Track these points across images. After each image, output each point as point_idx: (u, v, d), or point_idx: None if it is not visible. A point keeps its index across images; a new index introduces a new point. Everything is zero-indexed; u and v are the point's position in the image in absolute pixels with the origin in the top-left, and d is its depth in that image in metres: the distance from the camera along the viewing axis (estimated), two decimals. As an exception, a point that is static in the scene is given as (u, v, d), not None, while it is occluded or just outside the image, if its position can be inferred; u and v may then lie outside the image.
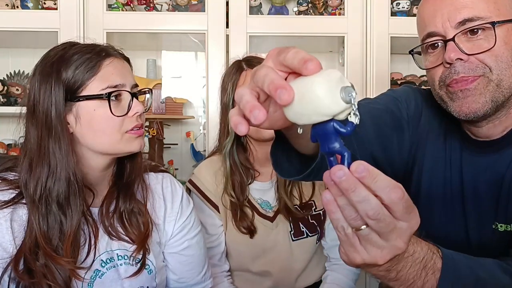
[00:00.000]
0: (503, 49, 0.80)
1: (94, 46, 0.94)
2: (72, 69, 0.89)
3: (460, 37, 0.81)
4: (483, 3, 0.80)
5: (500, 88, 0.80)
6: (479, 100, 0.81)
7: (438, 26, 0.83)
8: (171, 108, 2.04)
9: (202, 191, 1.32)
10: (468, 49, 0.80)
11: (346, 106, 0.48)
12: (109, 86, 0.90)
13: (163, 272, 1.06)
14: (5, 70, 2.03)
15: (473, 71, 0.80)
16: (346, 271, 1.37)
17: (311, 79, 0.47)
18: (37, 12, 1.79)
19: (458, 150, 0.91)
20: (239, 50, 1.78)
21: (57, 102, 0.88)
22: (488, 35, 0.80)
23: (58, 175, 0.88)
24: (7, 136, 2.00)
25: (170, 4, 1.95)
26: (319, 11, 1.93)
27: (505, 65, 0.80)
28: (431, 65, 0.86)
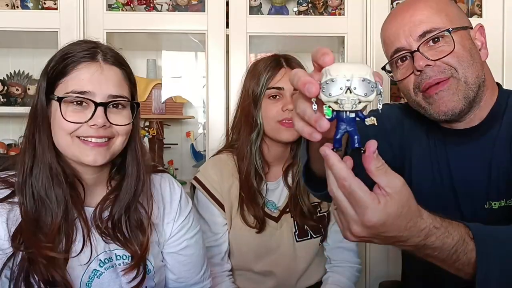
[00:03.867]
0: (462, 51, 0.93)
1: (91, 47, 0.93)
2: (53, 65, 0.91)
3: (423, 47, 0.94)
4: (436, 17, 0.94)
5: (468, 85, 0.93)
6: (453, 99, 0.93)
7: (402, 42, 0.96)
8: (171, 108, 2.04)
9: (208, 189, 1.32)
10: (432, 56, 0.93)
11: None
12: (73, 91, 0.89)
13: (162, 272, 1.06)
14: (5, 70, 2.03)
15: (442, 73, 0.93)
16: (346, 273, 1.37)
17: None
18: (37, 12, 1.79)
19: (442, 144, 1.01)
20: (239, 50, 1.79)
21: (41, 93, 0.91)
22: (447, 42, 0.93)
23: (41, 165, 0.89)
24: (7, 136, 2.00)
25: (170, 4, 1.95)
26: (319, 11, 1.93)
27: (467, 64, 0.93)
28: (402, 76, 0.98)
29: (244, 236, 1.32)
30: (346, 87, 0.58)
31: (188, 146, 2.13)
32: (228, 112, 1.78)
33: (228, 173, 1.33)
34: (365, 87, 0.59)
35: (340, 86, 0.58)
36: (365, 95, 0.59)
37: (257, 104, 1.31)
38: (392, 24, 0.99)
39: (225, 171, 1.33)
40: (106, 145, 0.92)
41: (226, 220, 1.33)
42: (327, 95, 0.59)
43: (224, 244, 1.32)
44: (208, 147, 1.76)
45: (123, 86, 0.94)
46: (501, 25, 1.79)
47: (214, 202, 1.31)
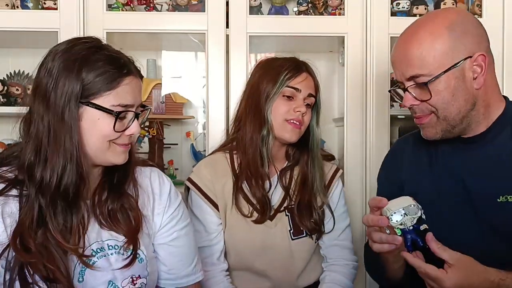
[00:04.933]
0: (445, 93, 1.01)
1: (118, 58, 0.97)
2: (92, 74, 0.92)
3: (410, 88, 1.04)
4: (425, 61, 1.00)
5: (447, 121, 1.04)
6: (432, 131, 1.06)
7: (397, 76, 1.07)
8: (171, 108, 2.04)
9: (201, 188, 1.32)
10: (418, 96, 1.04)
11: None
12: (120, 104, 0.94)
13: (154, 263, 1.08)
14: (5, 70, 2.03)
15: (423, 111, 1.05)
16: (343, 270, 1.37)
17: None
18: (37, 12, 1.79)
19: (450, 152, 1.11)
20: (239, 50, 1.79)
21: (72, 99, 0.91)
22: (433, 85, 1.01)
23: (72, 167, 0.92)
24: (7, 136, 2.00)
25: (170, 4, 1.95)
26: (319, 11, 1.93)
27: (446, 105, 1.02)
28: (401, 100, 1.10)
29: (240, 232, 1.32)
30: (404, 213, 0.97)
31: (188, 146, 2.13)
32: (228, 112, 1.78)
33: (222, 172, 1.34)
34: (413, 209, 0.98)
35: (401, 214, 0.97)
36: (415, 213, 0.98)
37: (269, 100, 1.30)
38: (393, 55, 1.09)
39: (219, 170, 1.34)
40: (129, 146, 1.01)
41: (221, 219, 1.33)
42: (395, 222, 0.97)
43: (220, 244, 1.33)
44: (208, 147, 1.76)
45: (142, 95, 1.03)
46: (501, 25, 1.79)
47: (207, 201, 1.32)
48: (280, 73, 1.31)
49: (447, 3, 1.84)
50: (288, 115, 1.30)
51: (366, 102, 1.80)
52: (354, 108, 1.82)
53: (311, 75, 1.35)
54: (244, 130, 1.35)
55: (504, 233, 1.00)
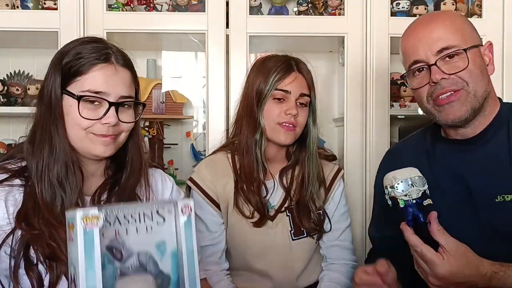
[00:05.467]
0: (474, 68, 1.04)
1: (99, 47, 0.98)
2: (70, 63, 0.96)
3: (439, 62, 1.04)
4: (453, 35, 1.05)
5: (476, 97, 1.04)
6: (462, 109, 1.04)
7: (421, 55, 1.06)
8: (171, 108, 2.04)
9: (202, 188, 1.32)
10: (447, 70, 1.04)
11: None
12: (90, 90, 0.94)
13: None
14: (5, 70, 2.03)
15: (455, 85, 1.04)
16: (342, 269, 1.37)
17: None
18: (37, 12, 1.79)
19: (449, 153, 1.12)
20: (239, 50, 1.79)
21: (56, 87, 0.95)
22: (461, 58, 1.04)
23: (57, 156, 0.95)
24: (7, 136, 2.00)
25: (170, 4, 1.95)
26: (319, 11, 1.93)
27: (477, 79, 1.04)
28: (418, 85, 1.09)
29: (241, 232, 1.32)
30: (411, 184, 0.94)
31: (188, 146, 2.13)
32: (228, 112, 1.78)
33: (222, 172, 1.33)
34: (421, 181, 0.95)
35: (407, 184, 0.94)
36: (422, 186, 0.95)
37: (261, 103, 1.29)
38: (412, 37, 1.09)
39: (219, 170, 1.34)
40: (113, 138, 0.99)
41: (223, 219, 1.33)
42: (400, 192, 0.94)
43: (222, 243, 1.33)
44: (208, 147, 1.76)
45: (132, 87, 1.01)
46: (501, 25, 1.79)
47: (209, 201, 1.32)
48: (269, 76, 1.29)
49: (447, 3, 1.84)
50: (279, 118, 1.28)
51: (366, 102, 1.80)
52: (354, 108, 1.82)
53: (302, 74, 1.31)
54: (241, 133, 1.35)
55: (503, 233, 1.01)
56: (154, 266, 0.78)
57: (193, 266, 0.81)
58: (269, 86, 1.28)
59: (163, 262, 0.79)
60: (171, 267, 0.80)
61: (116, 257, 0.75)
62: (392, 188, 0.96)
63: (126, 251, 0.76)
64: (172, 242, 0.80)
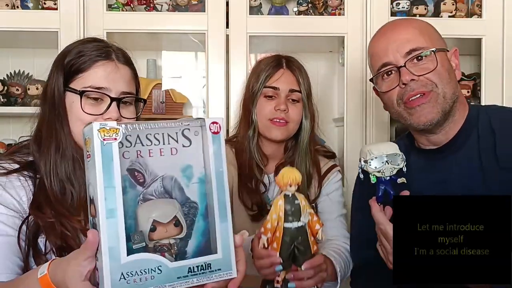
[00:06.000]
0: (442, 70, 1.05)
1: (100, 45, 1.00)
2: (71, 61, 0.98)
3: (408, 63, 1.05)
4: (421, 37, 1.06)
5: (446, 99, 1.05)
6: (433, 111, 1.04)
7: (390, 57, 1.07)
8: (171, 108, 2.04)
9: None
10: (416, 72, 1.04)
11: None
12: (91, 86, 0.97)
13: None
14: (5, 70, 2.03)
15: (424, 87, 1.04)
16: (338, 242, 1.33)
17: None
18: (37, 12, 1.79)
19: (426, 165, 1.11)
20: (239, 50, 1.79)
21: (59, 85, 0.98)
22: (430, 60, 1.05)
23: (64, 152, 0.97)
24: (7, 136, 2.00)
25: (170, 4, 1.95)
26: (319, 11, 1.93)
27: (446, 81, 1.05)
28: (387, 88, 1.09)
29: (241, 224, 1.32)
30: (386, 161, 0.91)
31: (188, 146, 2.13)
32: (228, 112, 1.78)
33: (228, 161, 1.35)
34: (396, 159, 0.92)
35: (381, 161, 0.91)
36: (398, 164, 0.92)
37: (254, 101, 1.34)
38: (380, 41, 1.11)
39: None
40: None
41: None
42: (373, 168, 0.91)
43: None
44: (208, 147, 1.76)
45: (132, 84, 1.03)
46: (501, 25, 1.79)
47: None
48: (260, 73, 1.34)
49: (447, 3, 1.84)
50: (270, 114, 1.32)
51: (366, 102, 1.80)
52: (354, 108, 1.82)
53: (290, 70, 1.35)
54: (241, 132, 1.39)
55: None
56: (180, 192, 0.73)
57: (223, 191, 0.75)
58: (259, 84, 1.33)
59: (189, 188, 0.73)
60: (198, 195, 0.74)
61: (138, 181, 0.70)
62: (365, 162, 0.93)
63: (149, 174, 0.71)
64: (199, 168, 0.74)
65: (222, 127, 0.76)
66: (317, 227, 0.97)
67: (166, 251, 0.71)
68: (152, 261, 0.69)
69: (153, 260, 0.70)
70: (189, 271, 0.72)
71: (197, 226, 0.74)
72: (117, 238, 0.67)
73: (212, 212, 0.74)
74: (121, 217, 0.67)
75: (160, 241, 0.71)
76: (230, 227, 0.75)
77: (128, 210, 0.69)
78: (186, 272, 0.72)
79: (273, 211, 0.95)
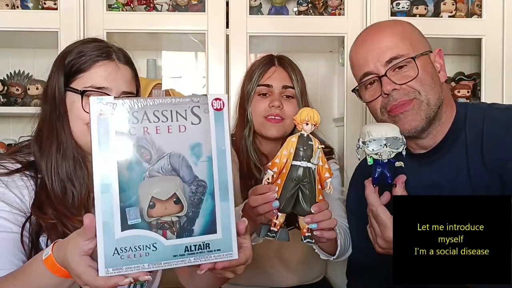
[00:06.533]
0: (425, 76, 1.03)
1: (100, 46, 1.01)
2: (72, 61, 0.99)
3: (390, 72, 1.03)
4: (401, 44, 1.04)
5: (430, 105, 1.03)
6: (416, 118, 1.03)
7: (371, 67, 1.05)
8: (171, 108, 2.03)
9: None
10: (398, 80, 1.02)
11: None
12: (92, 86, 0.97)
13: None
14: (5, 70, 2.02)
15: (407, 95, 1.02)
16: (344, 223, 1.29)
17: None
18: (37, 12, 1.79)
19: (417, 169, 1.08)
20: (239, 50, 1.79)
21: (60, 85, 0.98)
22: (412, 67, 1.03)
23: (65, 151, 0.97)
24: (7, 136, 2.00)
25: (170, 4, 1.95)
26: (319, 11, 1.93)
27: (429, 87, 1.03)
28: (371, 98, 1.08)
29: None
30: (385, 144, 0.88)
31: (188, 146, 2.13)
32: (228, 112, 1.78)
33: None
34: (396, 143, 0.89)
35: (380, 144, 0.89)
36: (397, 148, 0.90)
37: (248, 101, 1.35)
38: (361, 49, 1.09)
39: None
40: None
41: None
42: (371, 150, 0.89)
43: None
44: (208, 147, 1.76)
45: (132, 84, 1.04)
46: (501, 25, 1.79)
47: None
48: (254, 72, 1.35)
49: (447, 3, 1.84)
50: (265, 112, 1.33)
51: (366, 102, 1.80)
52: (354, 108, 1.82)
53: (282, 67, 1.36)
54: (237, 132, 1.40)
55: None
56: (188, 170, 0.71)
57: (225, 171, 0.73)
58: (253, 82, 1.35)
59: (198, 166, 0.72)
60: (207, 174, 0.72)
61: (144, 157, 0.69)
62: (363, 143, 0.91)
63: (156, 151, 0.70)
64: (209, 146, 0.73)
65: (225, 104, 0.74)
66: (326, 175, 0.92)
67: (168, 229, 0.71)
68: (147, 237, 0.69)
69: (148, 237, 0.69)
70: (186, 249, 0.71)
71: (205, 205, 0.72)
72: (111, 213, 0.67)
73: (213, 192, 0.73)
74: (115, 193, 0.67)
75: (162, 218, 0.71)
76: (232, 207, 0.73)
77: (133, 186, 0.69)
78: (183, 251, 0.71)
79: (285, 147, 0.92)
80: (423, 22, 1.63)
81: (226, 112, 0.75)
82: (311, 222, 0.92)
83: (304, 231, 0.94)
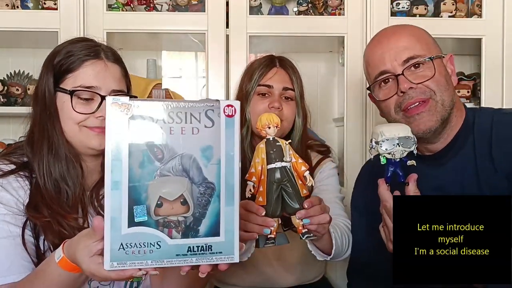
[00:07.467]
0: (440, 77, 1.05)
1: (88, 45, 1.02)
2: (61, 61, 0.99)
3: (406, 71, 1.05)
4: (418, 44, 1.06)
5: (444, 106, 1.05)
6: (432, 119, 1.04)
7: (388, 66, 1.06)
8: (171, 108, 2.03)
9: None
10: (414, 79, 1.04)
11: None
12: (81, 85, 0.98)
13: None
14: (5, 70, 2.03)
15: (423, 94, 1.04)
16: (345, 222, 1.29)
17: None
18: (37, 12, 1.79)
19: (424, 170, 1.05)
20: (239, 50, 1.79)
21: (49, 86, 0.99)
22: (428, 67, 1.05)
23: (57, 152, 0.98)
24: (7, 136, 2.00)
25: (170, 4, 1.95)
26: (319, 11, 1.93)
27: (443, 88, 1.05)
28: (385, 96, 1.09)
29: None
30: (397, 144, 0.91)
31: (188, 146, 2.13)
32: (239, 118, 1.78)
33: None
34: (408, 142, 0.91)
35: (393, 143, 0.91)
36: (409, 147, 0.92)
37: (247, 100, 1.34)
38: (377, 48, 1.10)
39: None
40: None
41: None
42: (384, 150, 0.91)
43: None
44: (208, 147, 1.76)
45: (122, 82, 1.04)
46: (501, 25, 1.79)
47: None
48: (254, 72, 1.34)
49: (447, 3, 1.84)
50: (264, 112, 1.31)
51: (366, 102, 1.80)
52: (354, 108, 1.82)
53: (283, 69, 1.36)
54: None
55: None
56: (198, 172, 0.73)
57: (232, 175, 0.74)
58: (253, 82, 1.33)
59: (208, 168, 0.73)
60: (216, 176, 0.74)
61: (157, 156, 0.71)
62: (377, 143, 0.93)
63: (168, 151, 0.72)
64: (219, 150, 0.75)
65: (237, 111, 0.75)
66: (303, 169, 0.95)
67: (174, 228, 0.72)
68: (152, 235, 0.71)
69: (153, 235, 0.71)
70: (188, 250, 0.73)
71: (212, 207, 0.74)
72: (120, 209, 0.69)
73: (219, 195, 0.75)
74: (125, 190, 0.70)
75: (168, 217, 0.72)
76: (237, 212, 0.75)
77: (144, 184, 0.71)
78: (186, 251, 0.73)
79: (256, 155, 0.95)
80: (423, 22, 1.63)
81: (238, 118, 0.76)
82: (303, 217, 0.94)
83: (300, 229, 0.96)
